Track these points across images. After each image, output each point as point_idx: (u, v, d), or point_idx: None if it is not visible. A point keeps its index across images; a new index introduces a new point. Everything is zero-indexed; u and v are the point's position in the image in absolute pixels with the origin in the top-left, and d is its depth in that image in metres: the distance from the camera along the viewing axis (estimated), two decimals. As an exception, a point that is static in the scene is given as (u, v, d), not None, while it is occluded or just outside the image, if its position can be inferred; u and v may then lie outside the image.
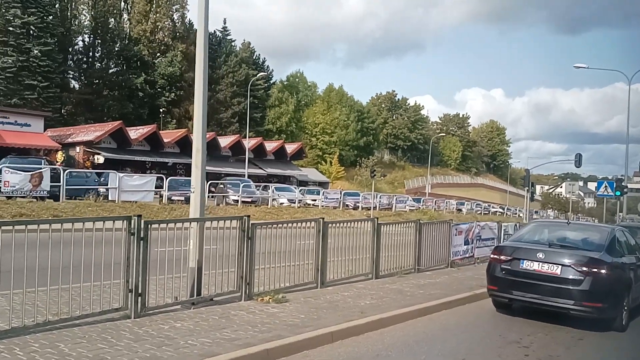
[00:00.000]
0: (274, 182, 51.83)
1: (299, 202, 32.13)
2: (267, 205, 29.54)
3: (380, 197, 39.25)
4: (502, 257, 8.74)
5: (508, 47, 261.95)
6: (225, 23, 68.21)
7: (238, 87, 61.86)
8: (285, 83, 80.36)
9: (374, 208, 36.23)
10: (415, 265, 12.26)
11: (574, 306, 7.86)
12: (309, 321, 6.84)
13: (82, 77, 53.84)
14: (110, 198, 21.12)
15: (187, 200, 25.56)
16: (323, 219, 9.47)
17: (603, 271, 7.91)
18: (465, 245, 14.58)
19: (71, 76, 53.43)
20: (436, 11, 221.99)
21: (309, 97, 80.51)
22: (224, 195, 29.95)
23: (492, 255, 9.19)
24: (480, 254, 15.53)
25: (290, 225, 9.07)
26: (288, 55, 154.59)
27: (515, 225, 18.08)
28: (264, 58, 72.67)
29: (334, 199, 34.56)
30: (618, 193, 25.90)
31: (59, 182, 18.92)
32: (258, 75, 47.17)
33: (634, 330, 8.49)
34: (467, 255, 14.73)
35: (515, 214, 63.15)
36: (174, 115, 55.81)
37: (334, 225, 9.99)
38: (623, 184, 26.55)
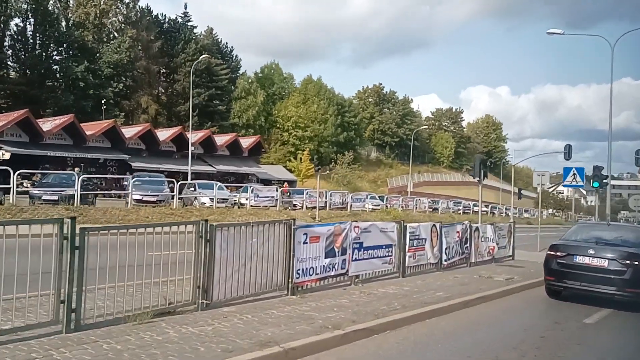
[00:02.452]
0: (231, 180, 47.11)
1: (222, 202, 27.06)
2: (173, 205, 24.30)
3: (330, 195, 34.04)
4: (558, 254, 10.25)
5: (515, 43, 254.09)
6: (186, 8, 62.79)
7: (198, 77, 56.84)
8: (259, 75, 75.47)
9: (321, 207, 31.12)
10: (197, 299, 7.19)
11: (617, 292, 9.48)
12: None
13: (19, 66, 48.84)
14: None
15: (66, 200, 20.69)
16: None
17: None
18: (329, 258, 9.48)
19: (3, 64, 48.33)
20: (443, 8, 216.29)
21: (284, 89, 75.47)
22: (128, 194, 24.91)
23: (548, 252, 10.58)
24: (363, 269, 10.45)
25: None
26: (293, 56, 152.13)
27: (433, 225, 12.93)
28: (232, 47, 67.84)
29: (267, 197, 29.35)
30: (596, 184, 20.65)
31: None
32: (201, 57, 42.00)
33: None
34: (332, 273, 9.63)
35: (502, 212, 57.93)
36: (123, 108, 50.79)
37: None
38: (603, 172, 21.32)
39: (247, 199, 29.27)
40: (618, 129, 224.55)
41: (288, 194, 35.45)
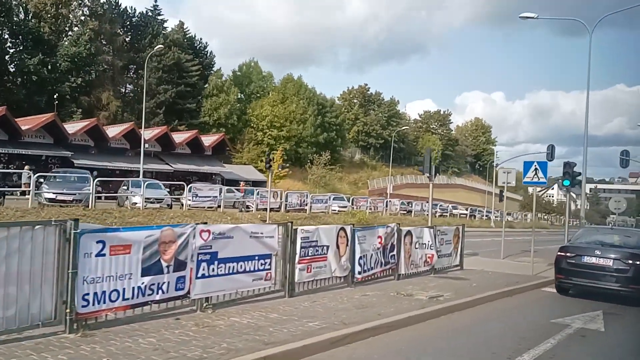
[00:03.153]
0: (194, 180, 44.26)
1: (156, 202, 24.28)
2: (86, 206, 21.33)
3: (287, 196, 31.22)
4: (568, 254, 11.24)
5: (510, 49, 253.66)
6: (156, 2, 59.79)
7: (166, 73, 54.04)
8: (237, 73, 72.68)
9: (273, 209, 28.33)
10: None
11: (621, 288, 10.45)
12: None
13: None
14: None
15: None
16: None
17: None
18: (150, 275, 6.66)
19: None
20: (440, 14, 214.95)
21: (263, 88, 72.64)
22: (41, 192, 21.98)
23: (558, 253, 11.51)
24: (218, 289, 7.63)
25: None
26: (290, 60, 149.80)
27: (341, 229, 10.13)
28: (206, 43, 65.05)
29: (207, 197, 26.53)
30: (567, 183, 17.94)
31: None
32: (156, 48, 39.29)
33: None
34: (158, 297, 6.80)
35: (484, 216, 55.26)
36: (82, 104, 47.79)
37: None
38: (575, 169, 18.63)
39: (190, 199, 26.40)
40: (611, 135, 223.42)
41: (243, 194, 32.74)
